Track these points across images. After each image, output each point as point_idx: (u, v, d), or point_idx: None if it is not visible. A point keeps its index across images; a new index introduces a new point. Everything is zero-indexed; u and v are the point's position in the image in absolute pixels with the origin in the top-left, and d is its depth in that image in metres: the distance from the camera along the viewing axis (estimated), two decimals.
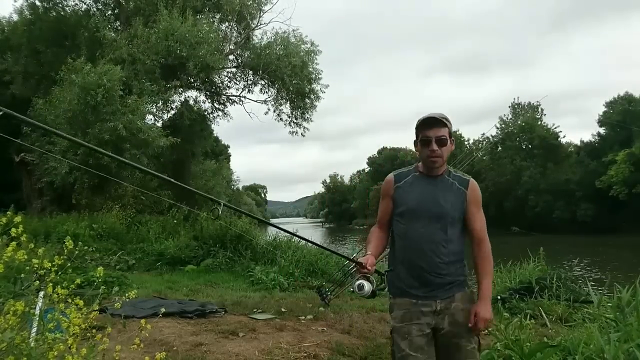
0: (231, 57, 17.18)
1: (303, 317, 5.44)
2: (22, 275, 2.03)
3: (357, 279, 2.08)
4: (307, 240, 2.80)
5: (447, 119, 2.15)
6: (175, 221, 12.31)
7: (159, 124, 16.01)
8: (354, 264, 2.14)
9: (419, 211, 2.16)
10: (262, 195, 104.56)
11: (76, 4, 17.07)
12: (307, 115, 17.39)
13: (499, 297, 5.77)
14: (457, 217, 2.15)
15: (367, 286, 2.05)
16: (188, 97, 18.21)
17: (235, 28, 17.01)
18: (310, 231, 30.26)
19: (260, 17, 16.86)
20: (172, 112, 17.48)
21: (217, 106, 18.94)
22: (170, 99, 15.41)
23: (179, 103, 17.67)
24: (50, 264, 1.77)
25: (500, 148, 47.73)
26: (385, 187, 2.30)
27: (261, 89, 17.43)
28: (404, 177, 2.26)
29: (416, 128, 2.18)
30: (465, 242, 2.23)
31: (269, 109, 17.46)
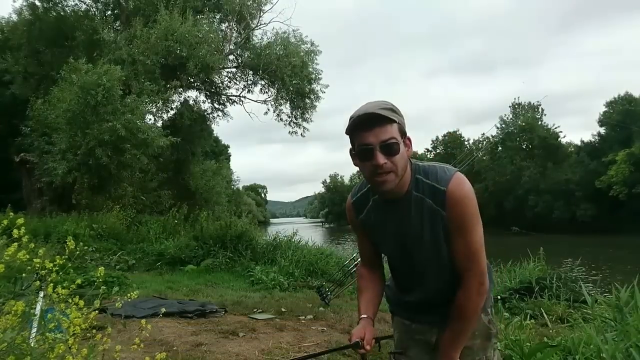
0: (231, 57, 17.18)
1: (303, 317, 5.44)
2: (23, 275, 2.04)
3: None
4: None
5: (393, 109, 1.42)
6: (175, 221, 12.32)
7: (159, 124, 16.04)
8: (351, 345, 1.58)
9: (394, 256, 1.64)
10: (262, 196, 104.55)
11: (76, 4, 17.09)
12: (307, 116, 17.38)
13: (499, 297, 5.78)
14: (445, 244, 1.51)
15: None
16: (188, 97, 18.24)
17: (235, 28, 17.00)
18: (310, 231, 30.24)
19: (260, 17, 16.86)
20: (172, 112, 17.52)
21: (217, 106, 18.96)
22: (170, 98, 15.41)
23: (179, 103, 17.71)
24: (51, 265, 1.77)
25: (500, 148, 47.79)
26: (350, 218, 1.69)
27: (261, 89, 17.44)
28: (363, 203, 1.61)
29: (348, 133, 1.45)
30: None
31: (268, 109, 17.47)
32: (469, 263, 1.47)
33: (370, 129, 1.38)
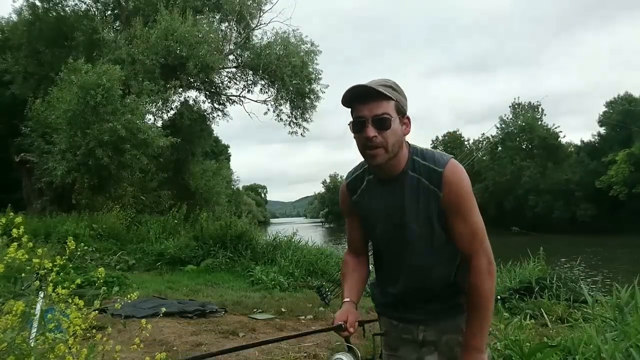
0: (231, 57, 17.18)
1: (303, 317, 5.45)
2: (23, 275, 2.04)
3: (334, 353, 1.54)
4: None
5: (392, 87, 1.45)
6: (175, 221, 12.32)
7: (159, 124, 16.05)
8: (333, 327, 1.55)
9: (384, 239, 1.60)
10: (262, 196, 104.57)
11: (76, 4, 17.09)
12: (307, 116, 17.37)
13: (499, 297, 5.78)
14: (437, 229, 1.50)
15: None
16: (188, 97, 18.24)
17: (235, 28, 16.99)
18: (310, 231, 30.24)
19: (260, 17, 16.86)
20: (172, 112, 17.53)
21: (217, 106, 18.95)
22: (170, 98, 15.42)
23: (179, 103, 17.71)
24: (51, 264, 1.77)
25: (500, 148, 47.77)
26: (342, 201, 1.67)
27: (261, 89, 17.43)
28: (358, 184, 1.61)
29: (344, 104, 1.48)
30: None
31: (268, 109, 17.46)
32: (474, 244, 1.47)
33: (365, 103, 1.42)
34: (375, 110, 1.41)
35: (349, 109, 1.48)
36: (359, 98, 1.43)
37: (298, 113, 17.34)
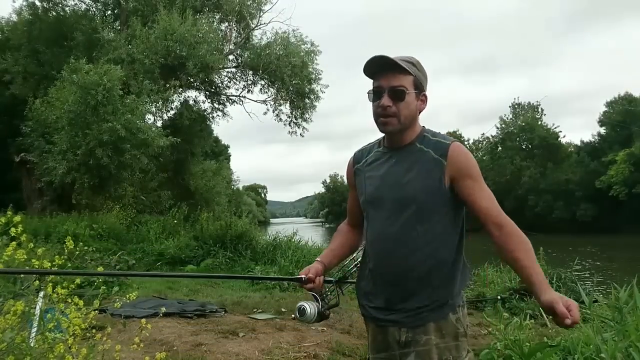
0: (231, 57, 17.17)
1: None
2: (22, 275, 2.04)
3: (299, 302, 1.64)
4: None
5: (413, 63, 1.53)
6: (175, 221, 12.32)
7: (159, 124, 16.04)
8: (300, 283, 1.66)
9: (377, 200, 1.59)
10: (262, 196, 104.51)
11: (76, 4, 17.10)
12: (307, 116, 17.36)
13: (499, 297, 5.78)
14: (431, 201, 1.50)
15: (310, 308, 1.60)
16: (188, 97, 18.22)
17: (235, 28, 16.99)
18: (310, 231, 30.25)
19: (260, 17, 16.85)
20: (172, 112, 17.51)
21: (216, 106, 18.93)
22: (169, 98, 15.41)
23: (179, 103, 17.69)
24: (50, 264, 1.77)
25: (500, 148, 47.76)
26: (347, 171, 1.75)
27: (261, 89, 17.42)
28: (365, 154, 1.69)
29: (365, 73, 1.57)
30: (459, 240, 1.57)
31: (267, 109, 17.46)
32: (495, 207, 1.51)
33: (384, 74, 1.52)
34: (392, 82, 1.50)
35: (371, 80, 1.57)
36: (379, 68, 1.52)
37: (298, 113, 17.34)
